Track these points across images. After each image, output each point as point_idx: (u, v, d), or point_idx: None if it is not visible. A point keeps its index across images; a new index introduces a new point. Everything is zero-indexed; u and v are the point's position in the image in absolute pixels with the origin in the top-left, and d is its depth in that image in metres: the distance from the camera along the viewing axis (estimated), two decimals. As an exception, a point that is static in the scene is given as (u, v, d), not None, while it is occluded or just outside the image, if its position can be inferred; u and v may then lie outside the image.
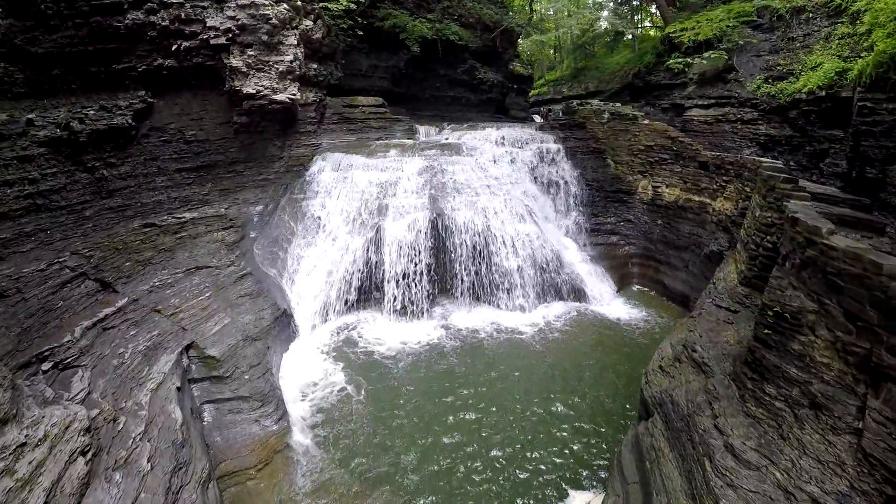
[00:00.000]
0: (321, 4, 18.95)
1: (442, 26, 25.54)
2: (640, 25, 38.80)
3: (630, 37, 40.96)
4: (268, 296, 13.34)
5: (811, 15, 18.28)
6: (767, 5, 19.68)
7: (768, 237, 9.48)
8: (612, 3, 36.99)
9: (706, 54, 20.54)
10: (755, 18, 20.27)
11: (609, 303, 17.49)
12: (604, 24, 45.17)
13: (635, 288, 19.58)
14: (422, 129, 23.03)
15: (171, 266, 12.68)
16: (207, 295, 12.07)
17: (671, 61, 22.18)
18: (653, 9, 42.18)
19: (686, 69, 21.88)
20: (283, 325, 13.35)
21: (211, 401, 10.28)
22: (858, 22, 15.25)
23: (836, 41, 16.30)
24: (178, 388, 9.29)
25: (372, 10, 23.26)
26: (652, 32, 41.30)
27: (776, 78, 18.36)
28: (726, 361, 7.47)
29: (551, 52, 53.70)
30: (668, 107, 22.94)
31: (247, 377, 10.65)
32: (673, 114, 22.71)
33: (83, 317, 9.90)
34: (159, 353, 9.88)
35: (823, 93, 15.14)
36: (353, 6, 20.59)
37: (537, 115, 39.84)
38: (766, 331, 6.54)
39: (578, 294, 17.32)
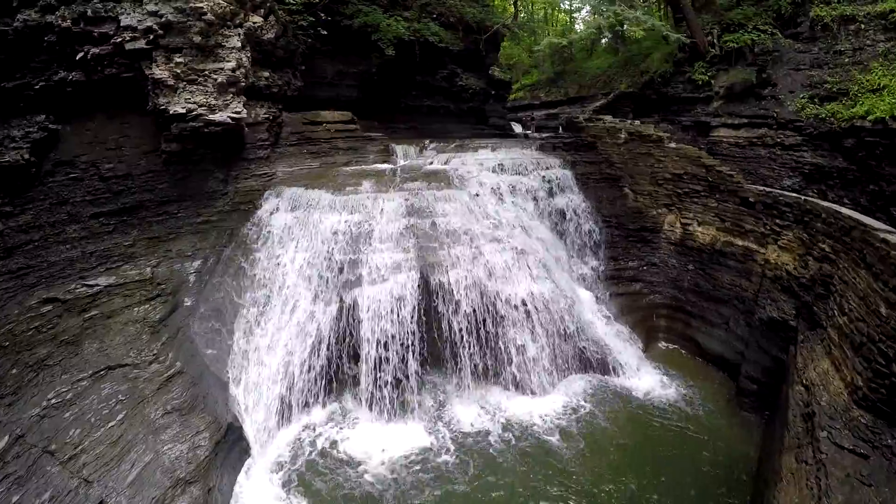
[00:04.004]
0: (276, -3, 16.29)
1: (420, 26, 23.17)
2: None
3: (605, 40, 39.54)
4: (206, 406, 10.51)
5: (863, 26, 16.80)
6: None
7: (911, 351, 7.50)
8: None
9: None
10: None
11: (638, 372, 15.38)
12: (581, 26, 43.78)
13: (662, 345, 17.63)
14: (399, 149, 20.48)
15: (74, 368, 9.89)
16: (120, 417, 9.25)
17: (696, 73, 20.47)
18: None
19: (711, 81, 20.23)
20: (229, 445, 10.56)
21: None
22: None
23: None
24: None
25: (338, 5, 20.62)
26: (638, 35, 39.92)
27: (824, 98, 16.79)
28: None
29: (525, 54, 52.36)
30: (690, 125, 21.22)
31: (178, 552, 8.00)
32: (695, 132, 21.00)
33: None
34: (44, 538, 7.14)
35: (899, 124, 13.52)
36: (314, -1, 17.98)
37: (515, 123, 38.27)
38: None
39: (602, 364, 15.17)
